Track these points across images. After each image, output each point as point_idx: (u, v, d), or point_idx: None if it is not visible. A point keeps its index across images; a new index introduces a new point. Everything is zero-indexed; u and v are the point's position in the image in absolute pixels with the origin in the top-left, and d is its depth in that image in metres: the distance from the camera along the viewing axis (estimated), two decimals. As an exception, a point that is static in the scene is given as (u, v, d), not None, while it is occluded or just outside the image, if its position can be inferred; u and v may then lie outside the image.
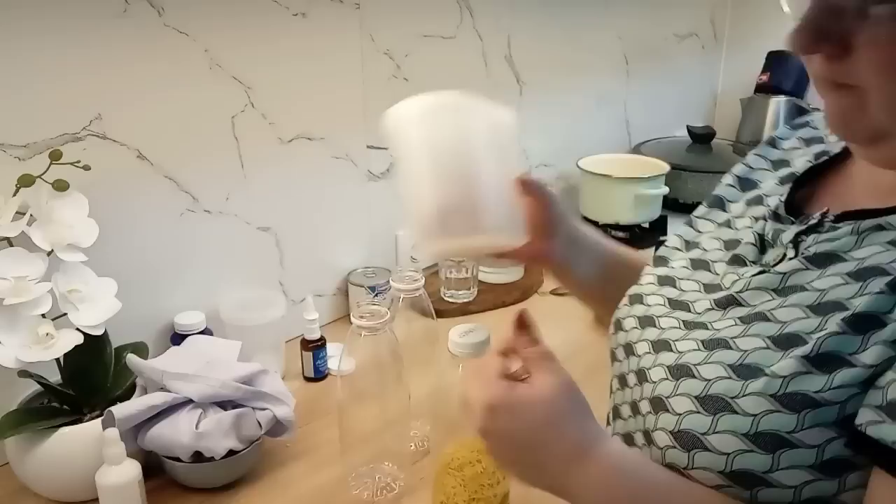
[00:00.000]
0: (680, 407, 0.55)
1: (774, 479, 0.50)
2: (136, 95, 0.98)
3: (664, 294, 0.65)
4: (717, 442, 0.52)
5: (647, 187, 1.57)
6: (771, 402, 0.50)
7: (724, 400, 0.52)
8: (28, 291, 0.81)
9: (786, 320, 0.53)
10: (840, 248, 0.54)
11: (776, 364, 0.51)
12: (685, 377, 0.56)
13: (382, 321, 0.83)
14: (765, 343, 0.53)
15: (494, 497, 0.78)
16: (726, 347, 0.55)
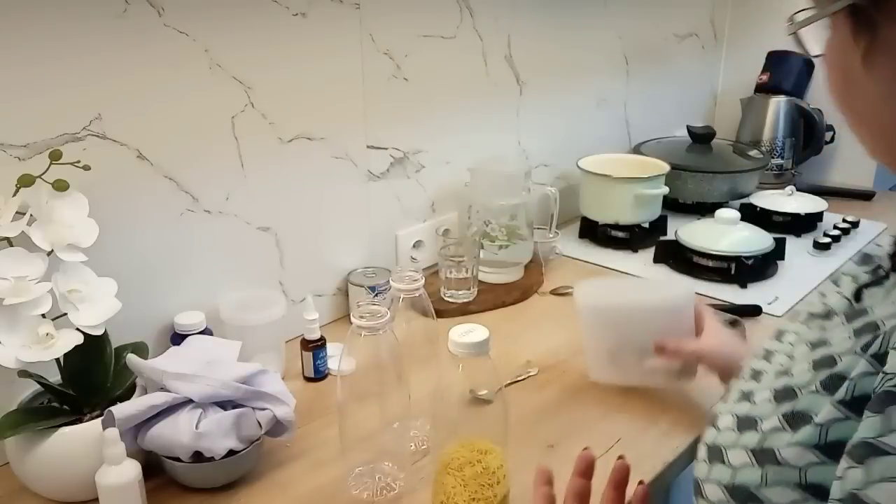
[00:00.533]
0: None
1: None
2: (136, 95, 0.98)
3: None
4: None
5: (647, 187, 1.57)
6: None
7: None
8: (28, 291, 0.81)
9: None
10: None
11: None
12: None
13: (382, 321, 0.83)
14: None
15: (494, 497, 0.78)
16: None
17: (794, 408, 0.52)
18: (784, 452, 0.51)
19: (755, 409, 0.57)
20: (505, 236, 1.39)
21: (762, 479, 0.52)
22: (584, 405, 1.05)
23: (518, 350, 1.19)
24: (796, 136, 1.98)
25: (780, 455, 0.52)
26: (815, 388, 0.52)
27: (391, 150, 1.33)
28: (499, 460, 0.78)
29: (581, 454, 0.72)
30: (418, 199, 1.41)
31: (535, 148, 1.64)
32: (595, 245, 1.62)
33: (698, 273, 1.44)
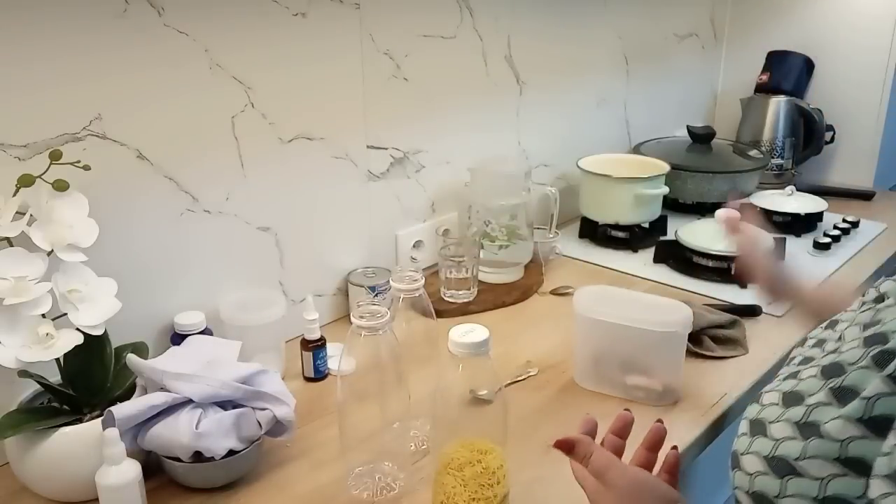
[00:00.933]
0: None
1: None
2: (136, 95, 0.98)
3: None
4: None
5: (647, 187, 1.57)
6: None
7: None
8: (28, 291, 0.81)
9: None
10: None
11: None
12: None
13: (382, 321, 0.83)
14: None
15: (494, 497, 0.78)
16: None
17: (842, 383, 0.53)
18: (828, 426, 0.52)
19: (802, 384, 0.58)
20: (505, 236, 1.39)
21: (802, 451, 0.53)
22: (584, 405, 1.05)
23: (518, 350, 1.19)
24: (796, 136, 1.98)
25: (824, 428, 0.52)
26: (865, 363, 0.53)
27: (391, 150, 1.33)
28: (499, 460, 0.78)
29: (620, 413, 0.74)
30: (418, 199, 1.41)
31: (535, 148, 1.64)
32: (595, 245, 1.62)
33: (698, 273, 1.44)
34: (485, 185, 1.39)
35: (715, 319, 1.19)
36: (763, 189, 1.80)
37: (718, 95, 2.23)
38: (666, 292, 1.37)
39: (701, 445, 1.00)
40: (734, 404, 1.06)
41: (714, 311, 1.23)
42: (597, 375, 1.08)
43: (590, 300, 1.08)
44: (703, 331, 1.18)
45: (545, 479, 0.91)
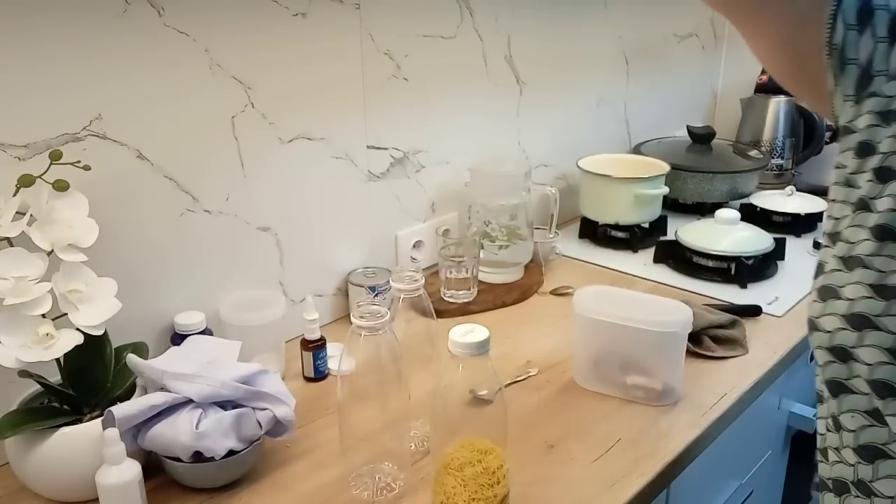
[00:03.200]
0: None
1: None
2: (136, 95, 0.98)
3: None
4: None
5: (647, 187, 1.57)
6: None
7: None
8: (28, 291, 0.81)
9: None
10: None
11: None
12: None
13: (382, 321, 0.83)
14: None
15: (494, 497, 0.78)
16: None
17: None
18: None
19: (856, 248, 0.58)
20: (505, 236, 1.39)
21: (884, 309, 0.54)
22: (584, 405, 1.05)
23: (518, 350, 1.19)
24: (796, 136, 1.99)
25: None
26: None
27: (391, 150, 1.33)
28: (499, 460, 0.78)
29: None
30: (418, 199, 1.41)
31: (535, 148, 1.64)
32: (595, 245, 1.62)
33: (698, 273, 1.44)
34: (485, 185, 1.39)
35: (715, 319, 1.20)
36: (763, 189, 1.80)
37: (718, 95, 2.23)
38: (666, 292, 1.37)
39: (701, 445, 1.00)
40: (734, 404, 1.06)
41: (714, 311, 1.24)
42: (597, 375, 1.08)
43: (590, 300, 1.08)
44: (703, 331, 1.18)
45: (545, 479, 0.91)
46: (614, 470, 0.92)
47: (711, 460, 1.06)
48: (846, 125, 0.62)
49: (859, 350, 0.56)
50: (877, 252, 0.57)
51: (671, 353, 1.04)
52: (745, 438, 1.21)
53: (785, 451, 1.41)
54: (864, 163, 0.60)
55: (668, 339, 1.03)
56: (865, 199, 0.59)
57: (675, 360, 1.05)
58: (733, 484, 1.23)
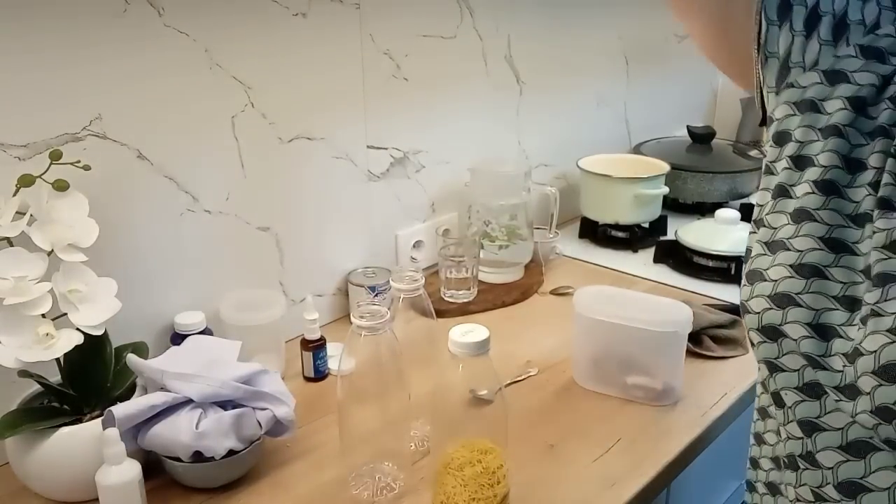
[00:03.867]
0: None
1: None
2: (136, 95, 0.98)
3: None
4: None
5: (647, 187, 1.57)
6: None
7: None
8: (28, 291, 0.81)
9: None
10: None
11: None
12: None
13: (382, 321, 0.83)
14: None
15: (494, 497, 0.78)
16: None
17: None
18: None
19: (778, 233, 0.63)
20: (505, 236, 1.39)
21: (804, 287, 0.58)
22: (584, 405, 1.05)
23: (518, 350, 1.19)
24: (796, 136, 1.98)
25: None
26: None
27: (391, 150, 1.33)
28: (499, 460, 0.78)
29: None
30: (418, 199, 1.41)
31: (535, 148, 1.64)
32: (595, 245, 1.62)
33: (698, 273, 1.44)
34: (485, 185, 1.39)
35: (715, 319, 1.20)
36: (763, 189, 1.79)
37: (718, 95, 2.22)
38: (666, 292, 1.37)
39: (701, 446, 1.00)
40: (734, 404, 1.06)
41: (714, 311, 1.24)
42: (597, 375, 1.08)
43: (590, 300, 1.08)
44: (703, 331, 1.18)
45: (545, 479, 0.91)
46: (614, 470, 0.92)
47: (711, 460, 1.06)
48: (769, 115, 0.65)
49: (786, 327, 0.59)
50: (795, 234, 0.60)
51: (671, 352, 1.04)
52: (746, 438, 1.20)
53: (785, 451, 1.40)
54: (781, 151, 0.63)
55: (668, 339, 1.03)
56: (784, 186, 0.62)
57: (675, 360, 1.05)
58: (733, 484, 1.23)
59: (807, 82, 0.62)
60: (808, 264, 0.58)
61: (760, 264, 0.62)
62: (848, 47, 0.61)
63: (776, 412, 0.64)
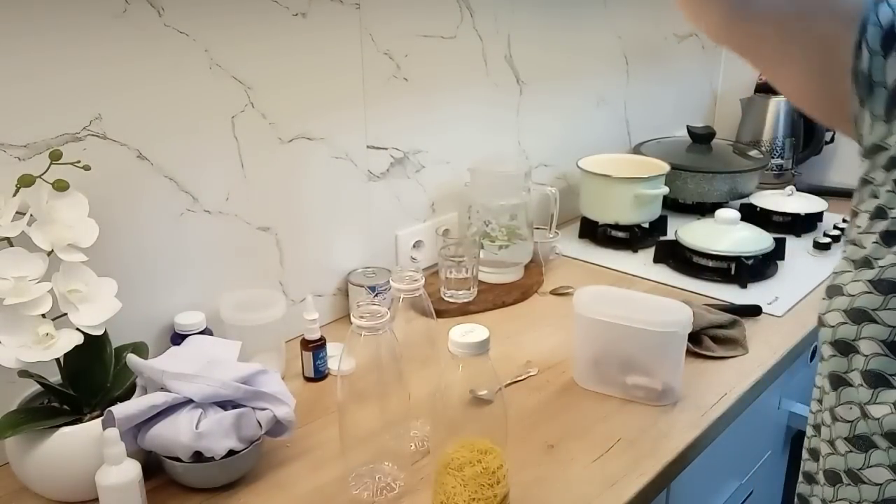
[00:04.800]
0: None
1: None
2: (136, 95, 0.98)
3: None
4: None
5: (647, 187, 1.57)
6: None
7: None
8: (28, 291, 0.81)
9: None
10: None
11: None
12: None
13: (382, 321, 0.83)
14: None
15: (494, 497, 0.78)
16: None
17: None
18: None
19: (864, 251, 0.62)
20: (505, 236, 1.39)
21: (882, 303, 0.56)
22: (584, 405, 1.05)
23: (518, 350, 1.19)
24: (796, 136, 1.99)
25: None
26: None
27: (391, 150, 1.33)
28: (499, 460, 0.78)
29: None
30: (418, 199, 1.41)
31: (535, 148, 1.64)
32: (595, 245, 1.62)
33: (698, 273, 1.44)
34: (485, 185, 1.39)
35: (715, 319, 1.20)
36: (763, 189, 1.80)
37: (718, 95, 2.23)
38: (666, 292, 1.37)
39: (701, 446, 1.00)
40: (734, 404, 1.06)
41: (714, 311, 1.24)
42: (596, 375, 1.08)
43: (589, 300, 1.08)
44: (703, 331, 1.18)
45: (545, 479, 0.91)
46: (614, 470, 0.92)
47: (711, 460, 1.06)
48: (877, 143, 0.63)
49: (860, 342, 0.60)
50: (882, 254, 0.60)
51: (671, 352, 1.04)
52: (745, 438, 1.21)
53: (785, 451, 1.41)
54: (889, 175, 0.62)
55: (668, 339, 1.03)
56: (883, 207, 0.62)
57: (675, 360, 1.05)
58: (733, 484, 1.23)
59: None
60: (888, 280, 0.58)
61: (842, 280, 0.63)
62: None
63: (825, 431, 0.65)
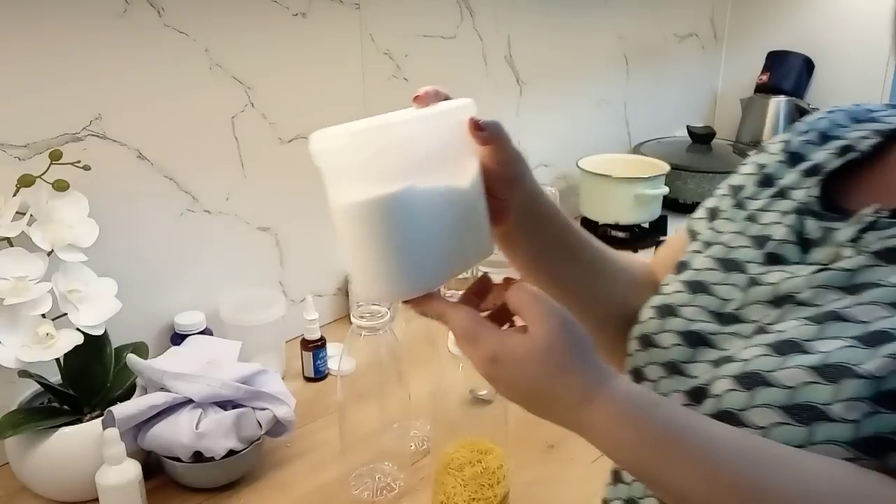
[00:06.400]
0: (762, 420, 0.51)
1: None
2: (136, 95, 0.98)
3: (703, 304, 0.62)
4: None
5: (647, 187, 1.57)
6: (871, 404, 0.47)
7: (816, 408, 0.48)
8: (28, 291, 0.81)
9: (867, 319, 0.51)
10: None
11: (867, 364, 0.48)
12: (760, 386, 0.52)
13: (382, 321, 0.83)
14: (848, 343, 0.50)
15: (494, 497, 0.78)
16: (801, 351, 0.52)
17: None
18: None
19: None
20: (505, 236, 1.39)
21: (833, 394, 0.49)
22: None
23: (518, 350, 1.19)
24: (796, 136, 1.98)
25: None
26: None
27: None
28: (499, 460, 0.78)
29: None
30: (418, 199, 1.41)
31: (535, 148, 1.64)
32: (595, 245, 1.62)
33: (698, 273, 1.44)
34: (485, 185, 1.39)
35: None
36: (763, 189, 1.79)
37: (718, 95, 2.22)
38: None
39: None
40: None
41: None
42: None
43: None
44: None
45: (545, 479, 0.91)
46: (614, 470, 0.92)
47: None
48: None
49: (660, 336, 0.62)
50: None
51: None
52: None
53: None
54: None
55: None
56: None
57: None
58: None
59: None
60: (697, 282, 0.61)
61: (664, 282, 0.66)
62: None
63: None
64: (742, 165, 0.72)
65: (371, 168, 0.52)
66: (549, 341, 0.51)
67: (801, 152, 0.67)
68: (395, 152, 0.52)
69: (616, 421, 0.51)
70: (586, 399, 0.51)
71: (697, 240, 0.69)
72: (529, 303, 0.53)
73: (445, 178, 0.55)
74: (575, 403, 0.52)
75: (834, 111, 0.69)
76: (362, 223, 0.54)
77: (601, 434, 0.52)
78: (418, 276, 0.54)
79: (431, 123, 0.58)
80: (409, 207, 0.52)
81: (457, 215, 0.56)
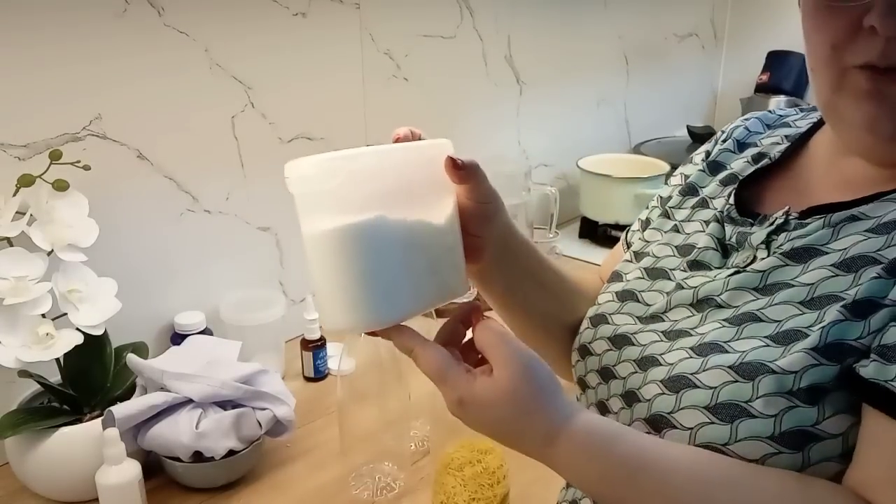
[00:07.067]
0: (689, 421, 0.53)
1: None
2: (136, 95, 0.98)
3: (630, 311, 0.65)
4: (741, 450, 0.51)
5: (647, 187, 1.57)
6: (788, 399, 0.50)
7: (738, 405, 0.51)
8: (28, 291, 0.81)
9: (780, 318, 0.54)
10: (816, 242, 0.55)
11: (780, 360, 0.51)
12: (686, 389, 0.55)
13: (382, 321, 0.83)
14: (763, 342, 0.53)
15: (494, 497, 0.78)
16: (721, 351, 0.54)
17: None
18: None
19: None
20: (505, 236, 1.39)
21: (752, 391, 0.52)
22: (584, 405, 1.05)
23: (518, 350, 1.19)
24: (796, 136, 1.98)
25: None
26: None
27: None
28: (499, 460, 0.78)
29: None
30: (418, 199, 1.41)
31: (535, 148, 1.64)
32: (595, 245, 1.62)
33: (698, 273, 1.44)
34: (485, 185, 1.39)
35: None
36: (763, 189, 1.80)
37: (718, 95, 2.22)
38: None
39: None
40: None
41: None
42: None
43: None
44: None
45: (545, 479, 0.90)
46: (614, 470, 0.92)
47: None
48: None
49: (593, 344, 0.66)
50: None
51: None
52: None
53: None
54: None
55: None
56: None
57: None
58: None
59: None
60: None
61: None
62: None
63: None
64: (672, 177, 0.77)
65: (339, 197, 0.52)
66: (512, 384, 0.53)
67: (719, 161, 0.71)
68: (363, 182, 0.53)
69: (576, 457, 0.53)
70: (549, 437, 0.53)
71: (630, 250, 0.73)
72: (495, 344, 0.57)
73: (419, 212, 0.55)
74: (539, 441, 0.53)
75: (749, 118, 0.73)
76: (327, 251, 0.53)
77: (565, 469, 0.54)
78: (382, 308, 0.55)
79: (402, 156, 0.58)
80: (376, 237, 0.52)
81: (429, 251, 0.57)
